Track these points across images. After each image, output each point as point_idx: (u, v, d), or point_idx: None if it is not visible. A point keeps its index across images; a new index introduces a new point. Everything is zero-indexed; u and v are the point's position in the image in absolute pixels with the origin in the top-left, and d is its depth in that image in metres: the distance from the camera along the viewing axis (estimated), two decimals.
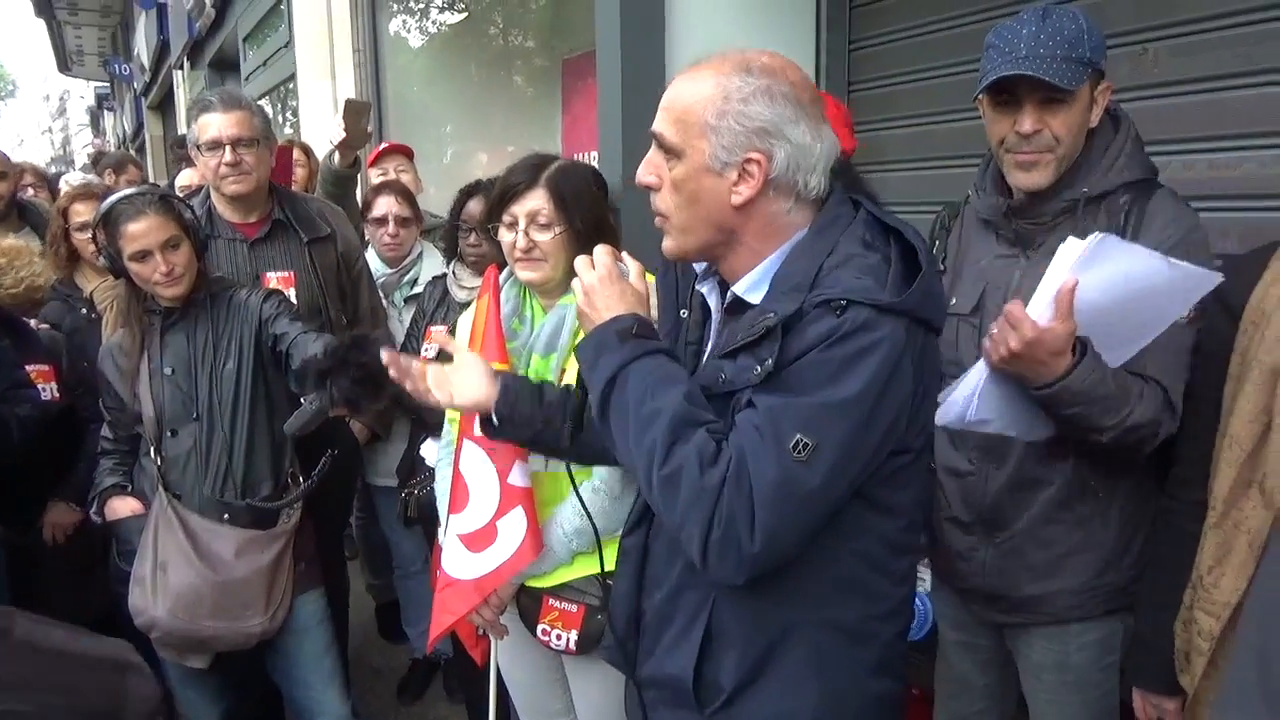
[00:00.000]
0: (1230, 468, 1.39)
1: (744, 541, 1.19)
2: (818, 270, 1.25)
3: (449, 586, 1.92)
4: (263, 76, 8.50)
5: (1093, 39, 1.60)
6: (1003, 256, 1.77)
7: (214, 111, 2.67)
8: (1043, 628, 1.82)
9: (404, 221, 3.25)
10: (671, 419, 1.24)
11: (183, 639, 2.22)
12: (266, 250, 2.81)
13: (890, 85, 2.83)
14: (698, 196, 1.30)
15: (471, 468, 1.88)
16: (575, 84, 4.20)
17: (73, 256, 3.06)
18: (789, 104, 1.26)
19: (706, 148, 1.27)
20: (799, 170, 1.28)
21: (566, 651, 1.91)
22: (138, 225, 2.19)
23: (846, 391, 1.17)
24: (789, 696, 1.35)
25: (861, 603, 1.34)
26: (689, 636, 1.38)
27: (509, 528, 1.85)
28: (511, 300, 2.02)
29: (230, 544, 2.24)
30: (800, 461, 1.17)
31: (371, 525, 3.65)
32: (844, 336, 1.18)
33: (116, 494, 2.38)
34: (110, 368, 2.37)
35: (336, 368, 1.88)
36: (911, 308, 1.21)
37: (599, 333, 1.36)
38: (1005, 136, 1.66)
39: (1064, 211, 1.69)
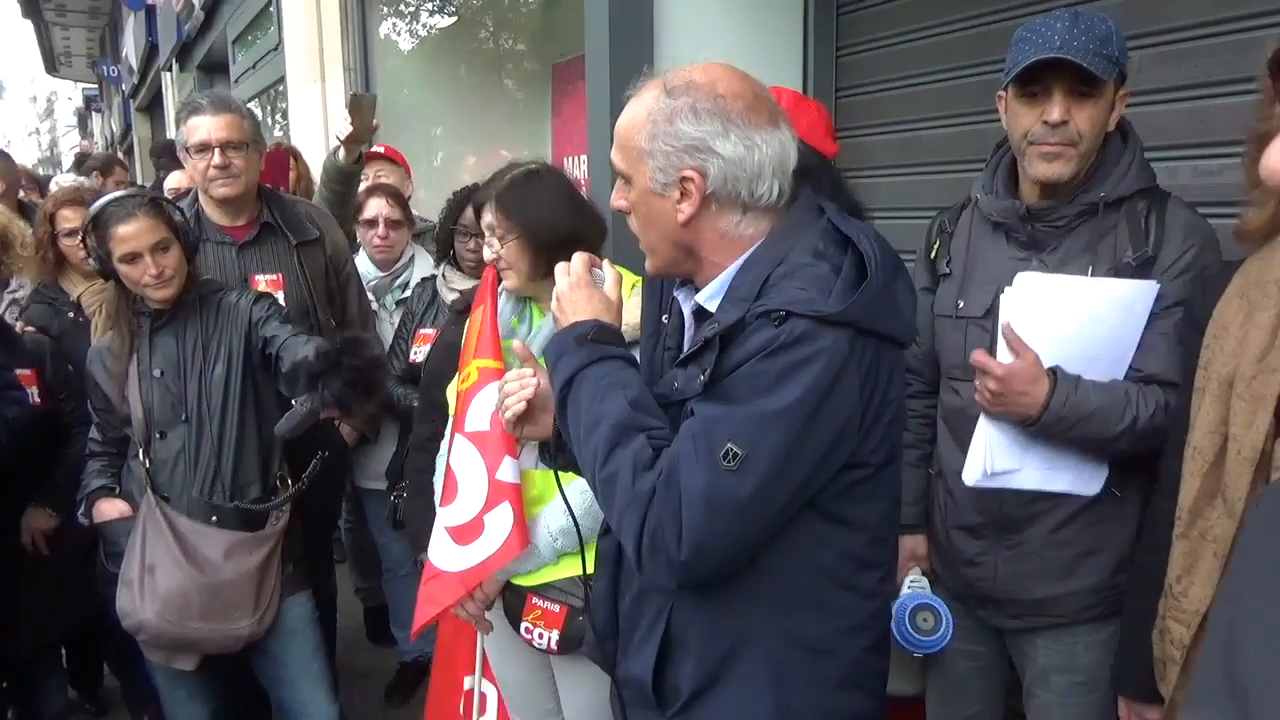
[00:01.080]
0: (1194, 478, 1.41)
1: (671, 549, 1.20)
2: (765, 280, 1.27)
3: (435, 578, 1.94)
4: (252, 79, 8.49)
5: (1119, 42, 1.65)
6: (1016, 259, 1.78)
7: (203, 114, 2.68)
8: (1050, 630, 1.83)
9: (395, 224, 3.25)
10: (613, 425, 1.27)
11: (171, 641, 2.22)
12: (255, 253, 2.81)
13: (877, 91, 2.86)
14: (651, 218, 1.33)
15: (461, 462, 1.91)
16: (565, 88, 4.22)
17: (59, 261, 3.05)
18: (715, 118, 1.26)
19: (646, 171, 1.30)
20: (738, 181, 1.28)
21: (548, 650, 1.93)
22: (128, 228, 2.19)
23: (780, 402, 1.18)
24: (745, 705, 1.35)
25: (823, 616, 1.34)
26: (650, 639, 1.39)
27: (495, 522, 1.86)
28: (513, 301, 2.05)
29: (219, 546, 2.24)
30: (730, 471, 1.18)
31: (360, 529, 3.65)
32: (781, 347, 1.18)
33: (104, 496, 2.38)
34: (99, 370, 2.37)
35: (328, 370, 1.89)
36: (854, 319, 1.20)
37: (560, 337, 1.39)
38: (1030, 129, 1.68)
39: (1081, 215, 1.71)
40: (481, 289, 2.03)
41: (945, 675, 2.06)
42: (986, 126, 2.48)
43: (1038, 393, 1.62)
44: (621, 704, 1.52)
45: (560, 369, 1.36)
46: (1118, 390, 1.65)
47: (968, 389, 1.82)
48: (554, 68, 4.39)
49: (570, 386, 1.34)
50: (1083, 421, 1.62)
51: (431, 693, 2.55)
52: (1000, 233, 1.82)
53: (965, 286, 1.85)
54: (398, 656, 3.60)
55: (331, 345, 2.02)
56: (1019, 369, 1.63)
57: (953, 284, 1.88)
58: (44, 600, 2.69)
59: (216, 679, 2.44)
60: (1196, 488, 1.39)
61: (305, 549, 2.50)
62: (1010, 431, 1.70)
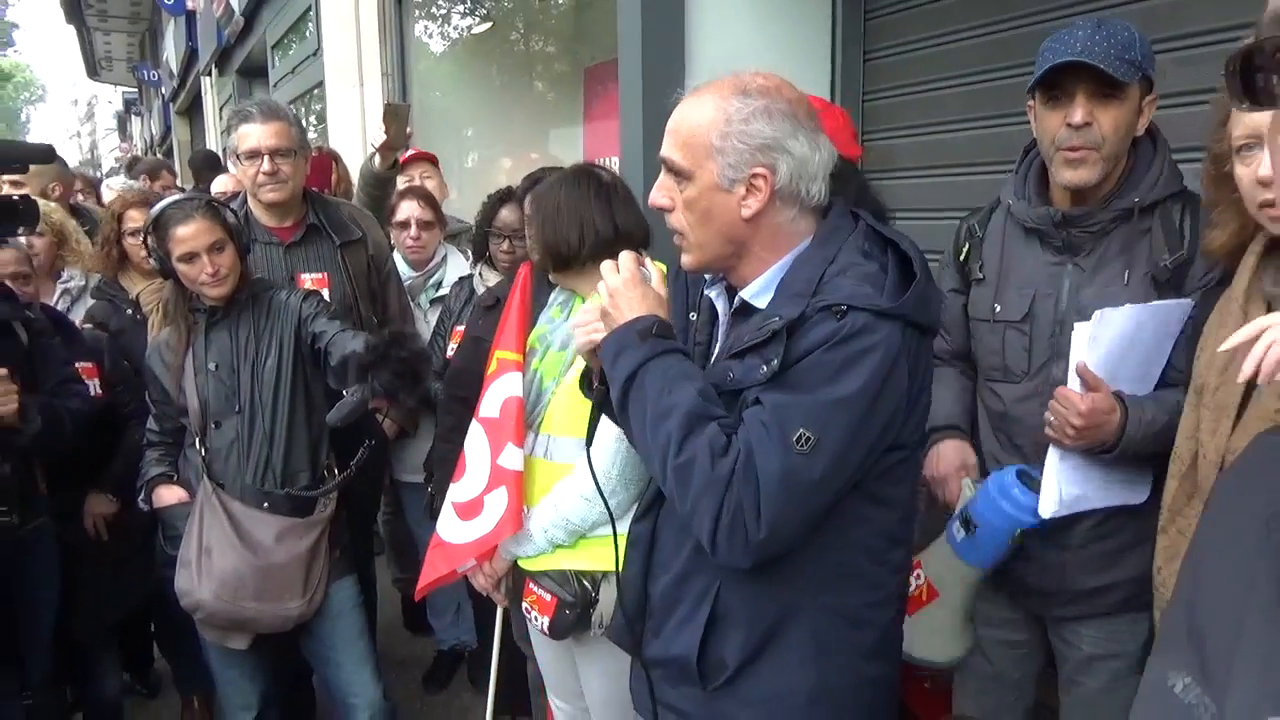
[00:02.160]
0: (1174, 480, 1.51)
1: (750, 528, 1.28)
2: (820, 277, 1.35)
3: (438, 546, 2.10)
4: (291, 84, 8.65)
5: (1143, 48, 1.69)
6: (1050, 264, 1.83)
7: (253, 122, 2.78)
8: (1095, 619, 1.86)
9: (426, 225, 3.34)
10: (686, 413, 1.34)
11: (226, 620, 2.33)
12: (301, 253, 2.92)
13: (903, 95, 2.91)
14: (710, 213, 1.40)
15: (472, 445, 2.05)
16: (597, 91, 4.29)
17: (122, 258, 3.19)
18: (787, 120, 1.36)
19: (714, 168, 1.37)
20: (801, 179, 1.37)
21: (543, 633, 2.02)
22: (186, 229, 2.31)
23: (846, 389, 1.27)
24: (788, 674, 1.44)
25: (860, 590, 1.44)
26: (695, 618, 1.47)
27: (492, 504, 1.99)
28: (565, 294, 2.13)
29: (270, 530, 2.34)
30: (803, 454, 1.27)
31: (398, 520, 3.75)
32: (844, 339, 1.28)
33: (163, 483, 2.50)
34: (157, 363, 2.50)
35: (378, 362, 1.99)
36: (907, 312, 1.31)
37: (621, 332, 1.44)
38: (1055, 133, 1.73)
39: (1116, 220, 1.76)
40: (515, 284, 2.14)
41: (984, 666, 2.09)
42: (1009, 130, 2.53)
43: (1113, 422, 1.67)
44: (649, 684, 1.59)
45: (622, 363, 1.41)
46: (1171, 402, 1.67)
47: (1007, 390, 1.89)
48: (586, 71, 4.46)
49: (634, 379, 1.40)
50: (1153, 439, 1.66)
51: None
52: (1034, 238, 1.86)
53: (1001, 291, 1.89)
54: (435, 645, 3.69)
55: (380, 339, 2.13)
56: (1098, 400, 1.66)
57: (987, 288, 1.92)
58: (104, 584, 2.81)
59: (266, 659, 2.55)
60: (1175, 488, 1.50)
61: (349, 537, 2.61)
62: (1074, 459, 1.75)
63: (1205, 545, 0.72)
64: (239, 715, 2.56)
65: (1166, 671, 0.67)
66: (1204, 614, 0.65)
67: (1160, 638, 0.74)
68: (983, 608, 2.06)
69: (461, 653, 3.63)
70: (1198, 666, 0.65)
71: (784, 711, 1.45)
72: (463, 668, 3.66)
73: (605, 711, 2.12)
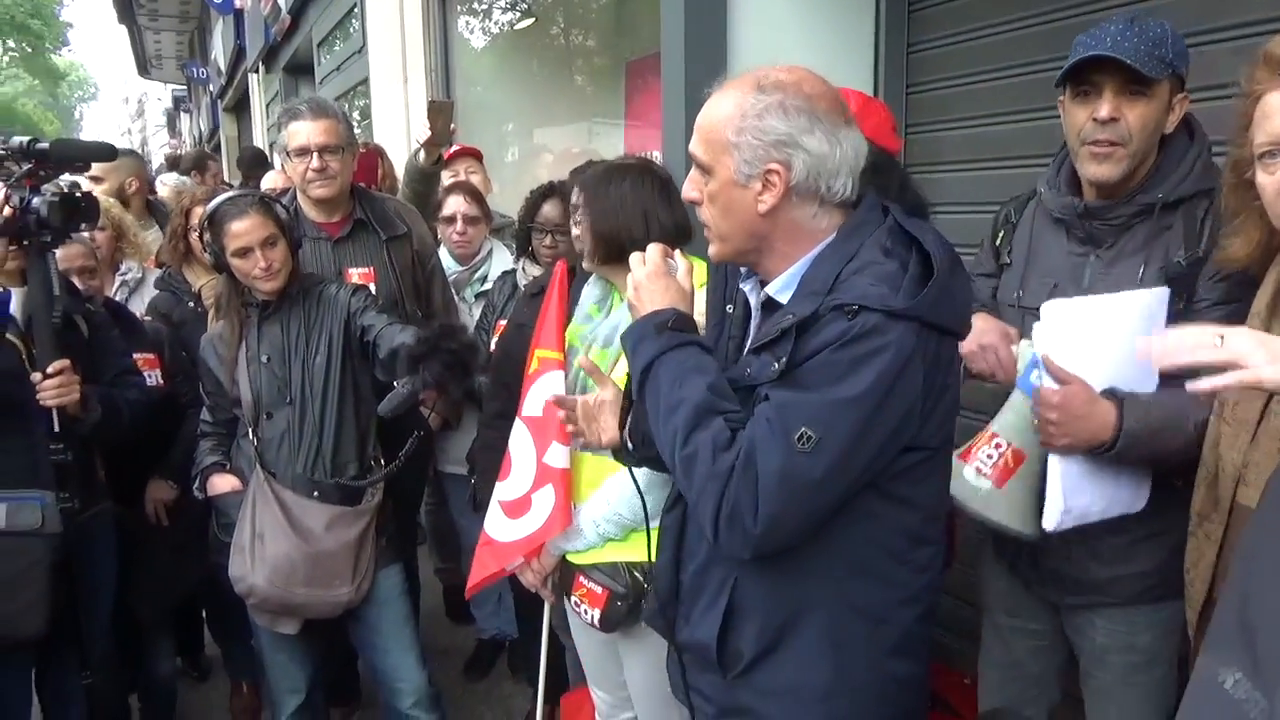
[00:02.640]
0: (1200, 487, 1.51)
1: (748, 523, 1.30)
2: (837, 275, 1.35)
3: (487, 545, 2.13)
4: (336, 80, 8.76)
5: (1176, 46, 1.67)
6: (1073, 255, 1.83)
7: (303, 120, 2.84)
8: (1109, 609, 1.85)
9: (472, 220, 3.38)
10: (694, 407, 1.36)
11: (278, 604, 2.40)
12: (348, 248, 2.98)
13: (947, 87, 2.89)
14: (729, 208, 1.41)
15: (517, 444, 2.08)
16: (639, 86, 4.30)
17: (188, 252, 3.28)
18: (802, 115, 1.35)
19: (730, 163, 1.38)
20: (820, 176, 1.37)
21: (593, 626, 2.05)
22: (241, 224, 2.37)
23: (852, 390, 1.27)
24: (804, 669, 1.45)
25: (880, 588, 1.43)
26: (715, 607, 1.49)
27: (540, 501, 2.03)
28: (599, 289, 2.15)
29: (321, 518, 2.40)
30: (804, 453, 1.27)
31: (441, 511, 3.81)
32: (853, 339, 1.27)
33: (217, 471, 2.57)
34: (211, 356, 2.57)
35: (428, 354, 2.03)
36: (920, 314, 1.29)
37: (640, 324, 1.49)
38: (1082, 127, 1.73)
39: (1138, 215, 1.74)
40: (552, 282, 2.16)
41: (1003, 655, 2.09)
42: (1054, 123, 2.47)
43: (1098, 416, 1.63)
44: (682, 668, 1.62)
45: (640, 354, 1.46)
46: (1179, 398, 1.58)
47: None
48: (628, 65, 4.46)
49: (650, 371, 1.44)
50: (1156, 436, 1.63)
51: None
52: (1060, 228, 1.87)
53: (1025, 278, 1.90)
54: (476, 634, 3.75)
55: (430, 331, 2.17)
56: (1070, 393, 1.64)
57: (1014, 274, 1.94)
58: (162, 567, 2.89)
59: (315, 644, 2.61)
60: (1203, 495, 1.50)
61: (395, 526, 2.66)
62: (1076, 464, 1.72)
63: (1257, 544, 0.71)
64: (287, 699, 2.62)
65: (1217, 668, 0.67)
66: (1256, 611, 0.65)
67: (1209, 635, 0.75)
68: (1004, 601, 2.07)
69: (502, 642, 3.68)
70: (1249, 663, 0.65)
71: (800, 704, 1.46)
72: (503, 657, 3.71)
73: (647, 701, 2.14)
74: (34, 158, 2.37)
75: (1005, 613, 2.06)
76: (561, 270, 2.16)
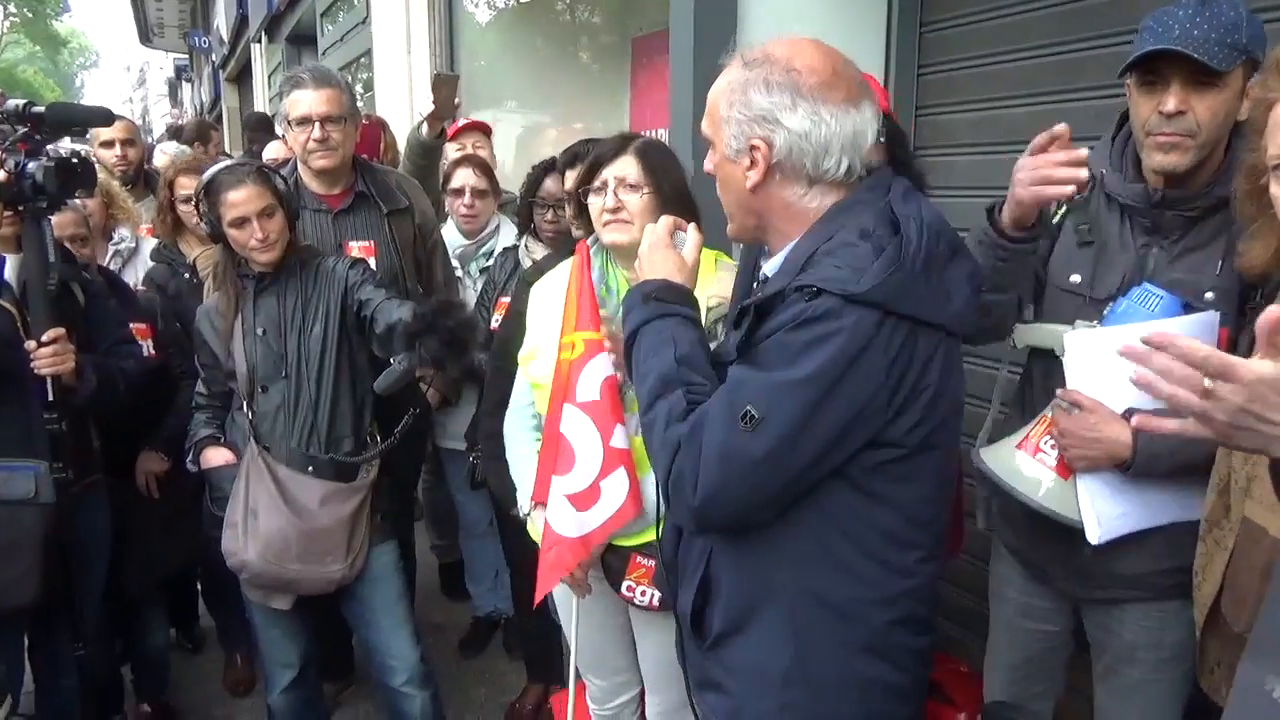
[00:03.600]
0: (1213, 493, 1.51)
1: (687, 494, 1.32)
2: (810, 255, 1.32)
3: (557, 544, 1.99)
4: (339, 51, 8.68)
5: (1251, 28, 1.60)
6: (1138, 244, 1.76)
7: (305, 88, 2.79)
8: (1139, 605, 1.82)
9: (480, 194, 3.33)
10: (659, 377, 1.40)
11: (271, 580, 2.38)
12: (349, 221, 2.94)
13: (959, 69, 2.83)
14: (725, 183, 1.44)
15: (575, 431, 1.96)
16: (645, 62, 4.24)
17: (178, 225, 3.23)
18: (785, 91, 1.32)
19: (724, 137, 1.39)
20: (804, 154, 1.34)
21: (650, 608, 2.00)
22: (238, 194, 2.33)
23: (799, 373, 1.25)
24: (765, 651, 1.43)
25: (848, 582, 1.38)
26: (693, 579, 1.50)
27: (611, 488, 1.94)
28: (596, 269, 2.10)
29: (315, 494, 2.38)
30: (745, 431, 1.26)
31: (438, 487, 3.80)
32: (805, 322, 1.25)
33: (211, 444, 2.54)
34: (207, 327, 2.53)
35: (425, 330, 2.00)
36: (880, 300, 1.23)
37: (631, 293, 1.53)
38: (1148, 119, 1.66)
39: (1212, 208, 1.68)
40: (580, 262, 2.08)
41: (1014, 652, 2.07)
42: (1071, 105, 2.46)
43: (1112, 436, 1.65)
44: (680, 636, 1.63)
45: (628, 323, 1.50)
46: None
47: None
48: (634, 41, 4.41)
49: (635, 339, 1.47)
50: (1179, 451, 1.59)
51: None
52: (1122, 214, 1.79)
53: (1084, 263, 1.81)
54: (471, 610, 3.75)
55: (428, 307, 2.14)
56: (1079, 417, 1.69)
57: (1076, 257, 1.83)
58: (154, 540, 2.88)
59: (308, 620, 2.59)
60: (1214, 501, 1.50)
61: (391, 503, 2.64)
62: (1113, 479, 1.71)
63: None
64: (280, 673, 2.61)
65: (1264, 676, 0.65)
66: None
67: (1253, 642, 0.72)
68: (1017, 597, 2.03)
69: (498, 620, 3.68)
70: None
71: (758, 685, 1.45)
72: (498, 635, 3.71)
73: (657, 681, 2.14)
74: (30, 121, 2.33)
75: (1020, 614, 2.03)
76: (586, 250, 2.10)
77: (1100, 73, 2.32)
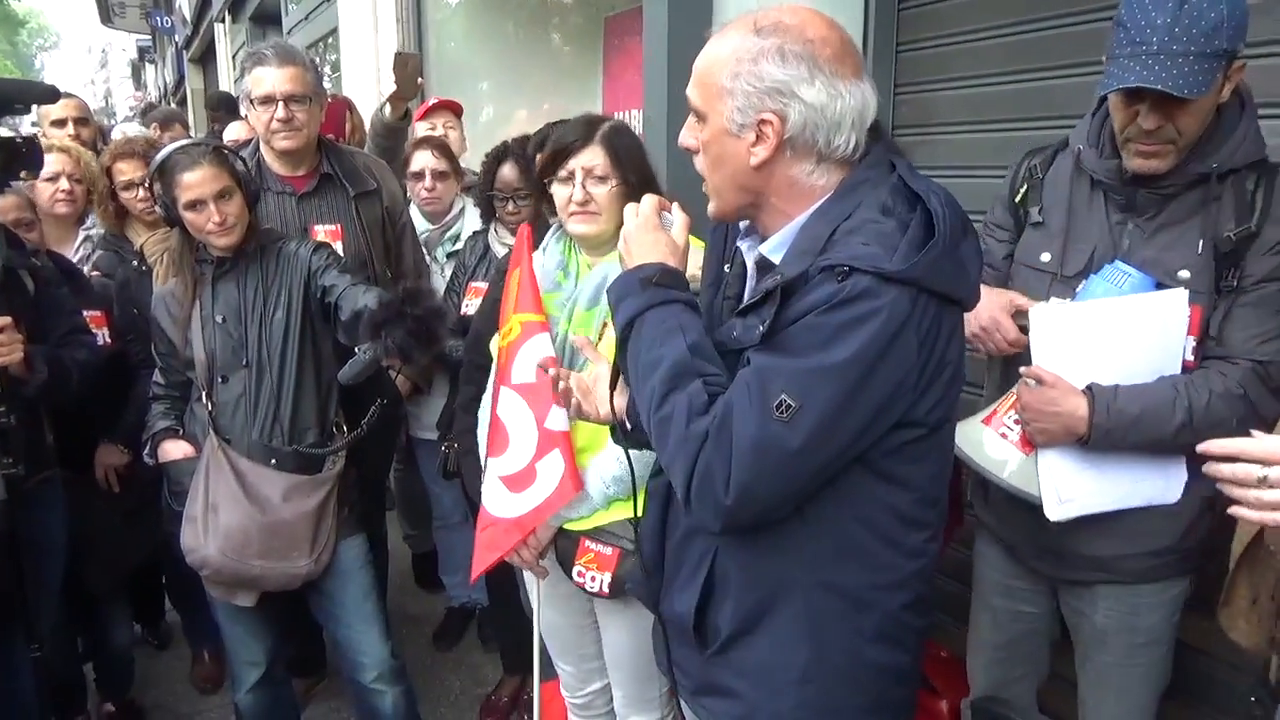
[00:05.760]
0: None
1: (719, 492, 1.22)
2: (831, 234, 1.25)
3: (491, 525, 2.00)
4: (304, 30, 8.50)
5: (1233, 24, 1.54)
6: (1112, 221, 1.75)
7: (268, 65, 2.69)
8: (1113, 586, 1.82)
9: (441, 176, 3.26)
10: (671, 367, 1.29)
11: (232, 577, 2.30)
12: (314, 203, 2.85)
13: (940, 45, 2.78)
14: (721, 158, 1.32)
15: (510, 413, 1.95)
16: (617, 42, 4.18)
17: (120, 212, 3.11)
18: (802, 62, 1.24)
19: (724, 110, 1.28)
20: (817, 129, 1.26)
21: (599, 594, 1.96)
22: (193, 175, 2.23)
23: (836, 357, 1.18)
24: (780, 650, 1.38)
25: (864, 570, 1.35)
26: (694, 580, 1.43)
27: (547, 469, 1.92)
28: (557, 255, 2.06)
29: (278, 487, 2.30)
30: (781, 421, 1.19)
31: (411, 477, 3.73)
32: (841, 303, 1.18)
33: (169, 437, 2.45)
34: (163, 314, 2.43)
35: (391, 319, 1.92)
36: (916, 277, 1.19)
37: (625, 278, 1.41)
38: (1127, 126, 1.64)
39: (1188, 185, 1.67)
40: (517, 247, 2.05)
41: (995, 635, 2.06)
42: (1052, 83, 2.41)
43: (1070, 408, 1.67)
44: (665, 639, 1.56)
45: (623, 310, 1.38)
46: (1162, 387, 1.65)
47: None
48: (606, 20, 4.34)
49: (632, 328, 1.36)
50: (1134, 425, 1.64)
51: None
52: (1097, 190, 1.77)
53: (1056, 241, 1.81)
54: (445, 601, 3.70)
55: (394, 295, 2.06)
56: (1037, 390, 1.71)
57: (1043, 235, 1.84)
58: (115, 535, 2.79)
59: (274, 617, 2.51)
60: None
61: (360, 495, 2.56)
62: (1075, 456, 1.72)
63: None
64: (246, 671, 2.53)
65: None
66: None
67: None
68: (996, 578, 2.03)
69: (472, 610, 3.63)
70: None
71: (775, 686, 1.39)
72: (473, 626, 3.65)
73: (625, 671, 2.10)
74: None
75: (1000, 594, 2.02)
76: (527, 232, 2.05)
77: (1083, 49, 2.27)
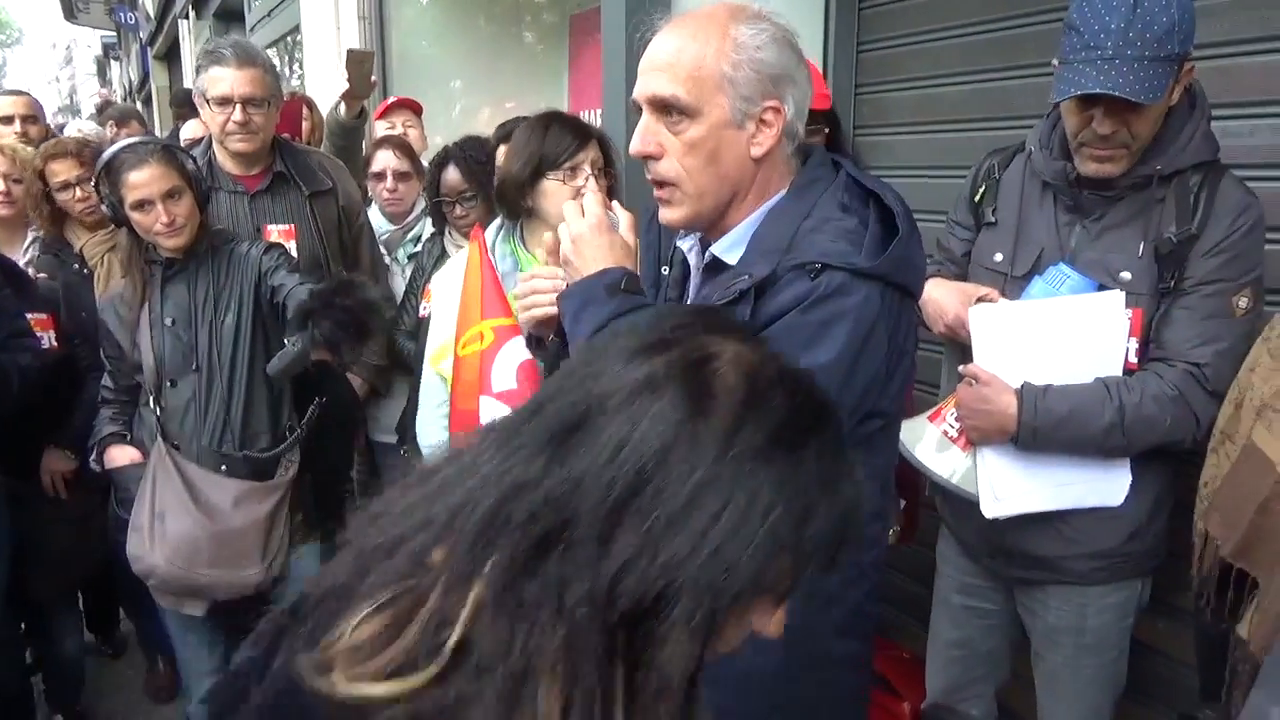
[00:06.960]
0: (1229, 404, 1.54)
1: None
2: (794, 233, 1.24)
3: None
4: (267, 27, 8.40)
5: (1184, 28, 1.55)
6: (1061, 222, 1.77)
7: (227, 65, 2.60)
8: (1062, 587, 1.83)
9: (403, 176, 3.21)
10: None
11: (180, 586, 2.25)
12: (267, 203, 2.78)
13: (899, 45, 2.78)
14: (717, 154, 1.26)
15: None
16: (583, 40, 4.15)
17: (58, 215, 3.00)
18: (789, 49, 1.25)
19: (726, 101, 1.23)
20: (800, 117, 1.27)
21: None
22: (140, 174, 2.18)
23: (823, 357, 1.16)
24: (755, 654, 1.36)
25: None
26: None
27: None
28: (509, 257, 2.02)
29: (228, 494, 2.25)
30: None
31: (372, 481, 3.67)
32: (819, 300, 1.17)
33: (116, 442, 2.40)
34: (111, 317, 2.38)
35: (320, 309, 1.87)
36: (886, 272, 1.20)
37: (585, 285, 1.33)
38: (1080, 130, 1.65)
39: (1133, 187, 1.68)
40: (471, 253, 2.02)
41: (953, 633, 2.06)
42: (1009, 83, 2.42)
43: (1001, 406, 1.70)
44: None
45: (586, 318, 1.30)
46: (1094, 387, 1.67)
47: None
48: (572, 18, 4.32)
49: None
50: (1062, 424, 1.67)
51: None
52: (1048, 192, 1.79)
53: (1007, 241, 1.83)
54: None
55: (325, 285, 2.01)
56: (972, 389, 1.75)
57: (996, 235, 1.86)
58: (63, 542, 2.72)
59: (228, 625, 2.45)
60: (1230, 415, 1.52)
61: (316, 499, 2.51)
62: (1011, 455, 1.75)
63: None
64: (199, 682, 2.48)
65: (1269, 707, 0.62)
66: None
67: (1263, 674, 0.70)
68: (954, 575, 2.04)
69: None
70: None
71: (750, 692, 1.37)
72: None
73: None
74: None
75: (957, 591, 2.03)
76: (481, 236, 2.02)
77: (1041, 50, 2.25)
